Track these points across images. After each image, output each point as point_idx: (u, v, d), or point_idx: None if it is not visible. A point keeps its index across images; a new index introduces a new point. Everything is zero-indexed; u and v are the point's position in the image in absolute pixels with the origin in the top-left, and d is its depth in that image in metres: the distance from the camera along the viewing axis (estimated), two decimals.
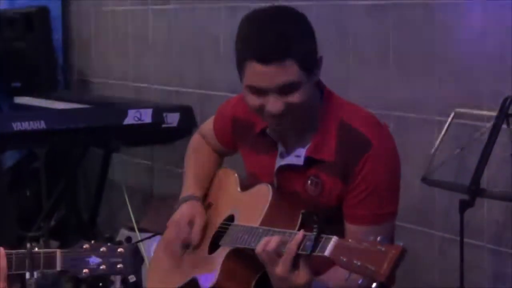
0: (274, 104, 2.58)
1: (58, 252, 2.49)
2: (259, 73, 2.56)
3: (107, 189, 4.81)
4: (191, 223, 2.90)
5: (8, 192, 4.72)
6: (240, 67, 2.61)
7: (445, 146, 3.09)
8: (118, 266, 2.47)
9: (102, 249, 2.48)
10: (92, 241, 2.50)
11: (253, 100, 2.62)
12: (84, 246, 2.48)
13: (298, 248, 2.42)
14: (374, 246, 2.28)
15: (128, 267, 2.48)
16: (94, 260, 2.47)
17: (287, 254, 2.44)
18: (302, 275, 2.45)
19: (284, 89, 2.56)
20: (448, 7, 3.33)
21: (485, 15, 3.20)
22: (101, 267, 2.47)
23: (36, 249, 2.51)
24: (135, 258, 2.49)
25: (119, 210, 4.64)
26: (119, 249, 2.48)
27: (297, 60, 2.55)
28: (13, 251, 2.53)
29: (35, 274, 2.63)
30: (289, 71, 2.55)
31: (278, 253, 2.45)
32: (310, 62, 2.60)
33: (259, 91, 2.60)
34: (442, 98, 3.35)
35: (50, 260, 2.50)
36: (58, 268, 2.49)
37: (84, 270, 2.47)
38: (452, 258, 3.10)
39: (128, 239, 4.34)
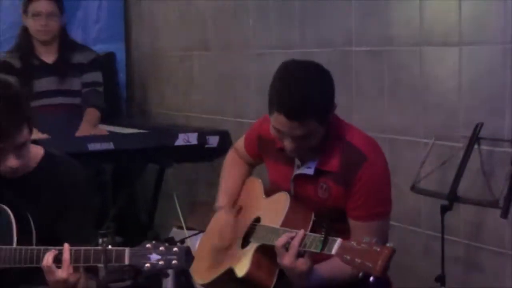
0: (289, 145, 2.62)
1: (127, 250, 2.52)
2: (283, 123, 2.58)
3: (161, 196, 4.82)
4: (225, 227, 2.94)
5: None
6: (270, 108, 2.61)
7: (429, 162, 3.09)
8: (173, 262, 2.48)
9: (161, 248, 2.49)
10: (154, 241, 2.52)
11: (274, 134, 2.66)
12: (147, 246, 2.50)
13: (300, 244, 2.47)
14: (371, 246, 2.32)
15: (181, 264, 2.49)
16: (154, 257, 2.48)
17: (292, 248, 2.49)
18: (305, 263, 2.49)
19: (300, 138, 2.59)
20: (431, 53, 3.32)
21: (461, 59, 3.20)
22: (160, 263, 2.48)
23: (110, 247, 2.54)
24: (187, 256, 2.50)
25: (171, 213, 4.65)
26: (175, 249, 2.49)
27: (317, 119, 2.57)
28: (92, 248, 2.57)
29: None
30: (308, 127, 2.57)
31: (285, 247, 2.51)
32: (326, 116, 2.61)
33: (279, 132, 2.62)
34: (427, 124, 3.35)
35: (120, 256, 2.52)
36: (126, 262, 2.51)
37: (146, 265, 2.49)
38: (435, 251, 3.09)
39: (171, 239, 4.33)
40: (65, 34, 4.69)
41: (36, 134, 4.29)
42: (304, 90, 2.57)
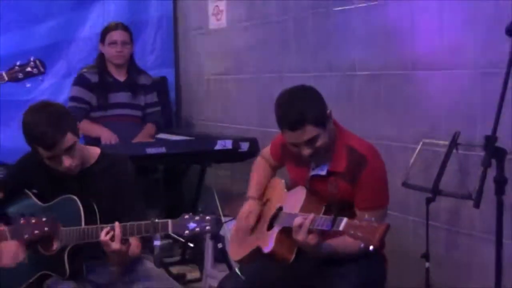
0: (305, 152, 2.65)
1: (169, 221, 2.56)
2: (290, 135, 2.63)
3: (203, 190, 4.82)
4: (250, 213, 2.95)
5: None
6: (280, 129, 2.68)
7: (417, 163, 3.09)
8: (207, 228, 2.53)
9: (197, 218, 2.54)
10: (190, 214, 2.56)
11: (291, 148, 2.69)
12: (185, 217, 2.55)
13: (311, 223, 2.51)
14: (370, 223, 2.34)
15: (213, 229, 2.54)
16: (192, 225, 2.53)
17: (304, 226, 2.51)
18: (313, 239, 2.52)
19: (309, 142, 2.61)
20: (419, 76, 3.33)
21: (443, 81, 3.20)
22: (196, 229, 2.52)
23: (156, 220, 2.58)
24: (217, 224, 2.56)
25: (211, 203, 4.66)
26: (207, 217, 2.54)
27: (313, 123, 2.59)
28: (143, 222, 2.61)
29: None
30: (309, 132, 2.59)
31: (300, 226, 2.53)
32: (322, 120, 2.63)
33: (294, 144, 2.65)
34: (415, 132, 3.35)
35: (164, 226, 2.56)
36: (170, 231, 2.56)
37: (186, 232, 2.53)
38: (421, 234, 3.09)
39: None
40: (133, 60, 4.72)
41: (110, 136, 4.35)
42: (294, 105, 2.63)
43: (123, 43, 4.55)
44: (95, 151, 2.93)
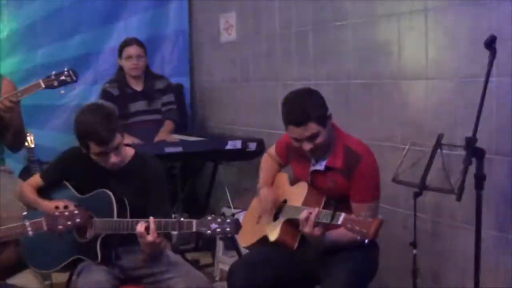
0: (306, 146, 2.65)
1: (194, 221, 2.55)
2: (294, 131, 2.63)
3: (215, 185, 4.82)
4: (268, 197, 2.93)
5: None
6: (285, 125, 2.68)
7: (405, 161, 3.04)
8: (227, 229, 2.51)
9: (219, 219, 2.52)
10: (213, 215, 2.55)
11: (294, 143, 2.70)
12: (209, 218, 2.53)
13: (316, 217, 2.50)
14: (365, 218, 2.35)
15: (233, 230, 2.52)
16: (214, 225, 2.51)
17: (310, 220, 2.52)
18: (319, 231, 2.53)
19: (310, 138, 2.62)
20: (406, 85, 3.34)
21: (427, 89, 3.21)
22: (218, 230, 2.51)
23: (182, 219, 2.59)
24: (236, 226, 2.54)
25: (222, 197, 4.68)
26: (228, 220, 2.52)
27: (315, 121, 2.60)
28: (170, 220, 2.60)
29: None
30: (311, 128, 2.60)
31: (306, 219, 2.53)
32: (323, 119, 2.64)
33: (296, 139, 2.66)
34: (404, 134, 3.36)
35: (189, 225, 2.56)
36: (194, 229, 2.54)
37: (208, 231, 2.52)
38: (409, 225, 3.11)
39: (222, 214, 4.32)
40: (148, 69, 4.73)
41: (133, 140, 4.37)
42: (300, 104, 2.64)
43: (138, 56, 4.57)
44: (130, 151, 2.95)
